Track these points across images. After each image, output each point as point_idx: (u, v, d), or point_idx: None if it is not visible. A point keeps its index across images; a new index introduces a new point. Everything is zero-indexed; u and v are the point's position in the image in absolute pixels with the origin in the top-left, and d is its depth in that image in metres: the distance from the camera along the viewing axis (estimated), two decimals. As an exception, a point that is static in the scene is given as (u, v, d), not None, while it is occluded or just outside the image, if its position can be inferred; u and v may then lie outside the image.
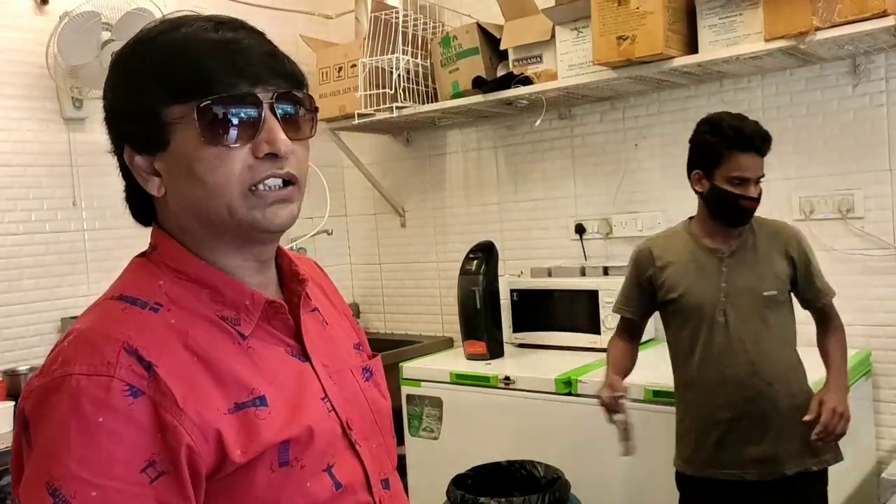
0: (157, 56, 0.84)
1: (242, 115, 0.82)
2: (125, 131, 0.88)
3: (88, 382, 0.76)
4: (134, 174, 0.88)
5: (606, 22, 2.38)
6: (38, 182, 2.76)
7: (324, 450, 0.87)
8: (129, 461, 0.75)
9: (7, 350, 2.65)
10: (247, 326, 0.87)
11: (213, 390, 0.82)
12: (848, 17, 2.07)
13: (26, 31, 2.74)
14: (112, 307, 0.85)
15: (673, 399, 2.16)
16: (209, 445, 0.79)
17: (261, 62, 0.84)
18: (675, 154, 2.81)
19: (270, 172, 0.84)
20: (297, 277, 0.96)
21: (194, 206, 0.85)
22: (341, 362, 0.98)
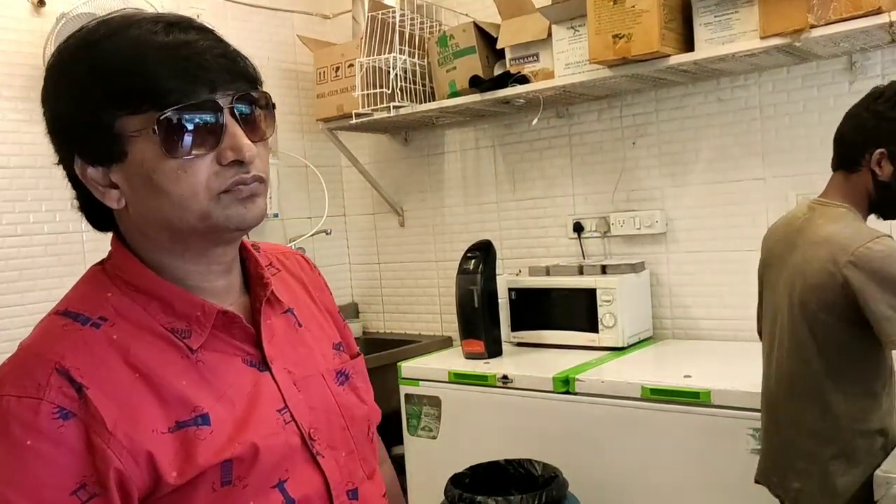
0: (106, 63, 0.79)
1: (204, 124, 0.79)
2: (74, 143, 0.83)
3: (18, 404, 0.76)
4: (88, 187, 0.85)
5: (602, 20, 2.38)
6: (36, 184, 2.77)
7: (274, 465, 0.85)
8: (58, 484, 0.75)
9: (5, 352, 2.64)
10: (197, 339, 0.85)
11: (153, 409, 0.80)
12: (843, 14, 2.07)
13: (23, 33, 2.74)
14: (53, 324, 0.84)
15: (673, 398, 2.16)
16: (140, 469, 0.77)
17: (217, 66, 0.81)
18: (672, 152, 2.81)
19: (238, 178, 0.82)
20: (261, 281, 0.93)
21: (159, 216, 0.83)
22: (311, 367, 0.95)
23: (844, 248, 1.59)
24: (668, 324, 2.86)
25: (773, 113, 2.60)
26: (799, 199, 2.56)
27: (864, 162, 1.68)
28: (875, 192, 1.68)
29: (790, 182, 2.58)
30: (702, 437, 2.13)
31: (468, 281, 2.77)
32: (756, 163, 2.64)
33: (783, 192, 2.59)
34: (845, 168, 1.74)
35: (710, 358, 2.53)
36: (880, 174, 1.65)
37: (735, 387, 2.11)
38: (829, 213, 1.72)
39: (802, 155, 2.56)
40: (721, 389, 2.11)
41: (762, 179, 2.64)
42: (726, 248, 2.72)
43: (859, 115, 1.71)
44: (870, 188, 1.68)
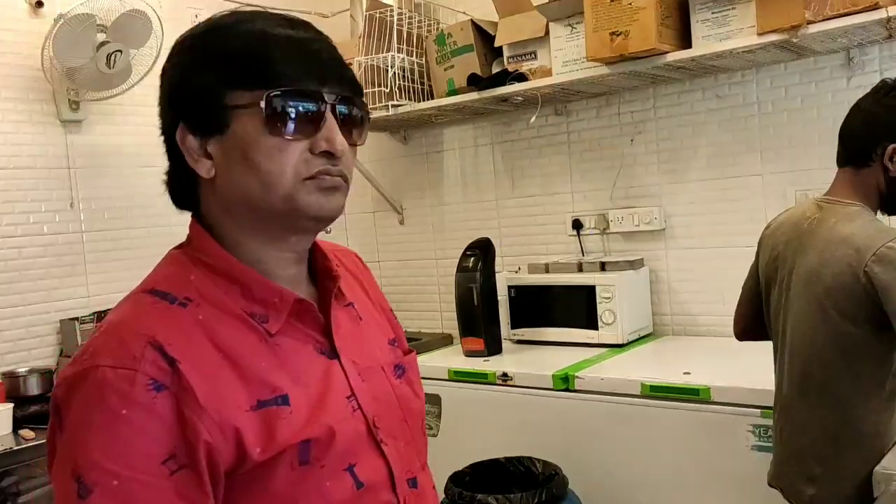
0: (232, 43, 0.86)
1: (306, 111, 0.85)
2: (184, 110, 0.88)
3: (114, 375, 0.78)
4: (184, 154, 0.88)
5: (599, 18, 2.38)
6: (35, 185, 2.78)
7: (346, 449, 0.88)
8: (149, 453, 0.77)
9: (6, 352, 2.66)
10: (274, 324, 0.88)
11: (237, 387, 0.83)
12: (840, 10, 2.07)
13: (21, 34, 2.74)
14: (143, 301, 0.87)
15: (672, 394, 2.17)
16: (228, 443, 0.80)
17: (329, 65, 0.87)
18: (671, 149, 2.81)
19: (325, 168, 0.86)
20: (329, 274, 0.97)
21: (245, 191, 0.87)
22: (372, 360, 0.98)
23: (868, 248, 1.54)
24: (667, 320, 2.87)
25: (771, 109, 2.60)
26: (798, 195, 2.56)
27: (876, 157, 1.64)
28: (887, 188, 1.64)
29: (788, 178, 2.58)
30: (701, 434, 2.14)
31: (468, 279, 2.78)
32: (754, 159, 2.64)
33: (781, 189, 2.59)
34: (854, 164, 1.69)
35: (709, 355, 2.53)
36: (893, 170, 1.62)
37: (735, 383, 2.11)
38: (841, 212, 1.67)
39: (801, 151, 2.56)
40: (720, 386, 2.12)
41: (760, 175, 2.64)
42: (725, 245, 2.72)
43: (870, 109, 1.66)
44: (881, 183, 1.65)
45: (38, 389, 2.55)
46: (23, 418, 2.37)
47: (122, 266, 2.97)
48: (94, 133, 2.94)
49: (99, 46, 2.66)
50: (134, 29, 2.69)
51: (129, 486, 0.76)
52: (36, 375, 2.58)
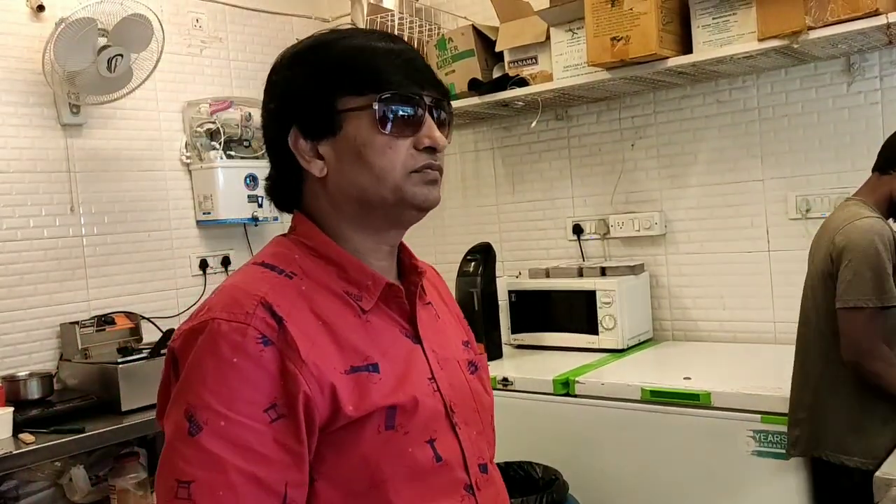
0: (340, 55, 0.97)
1: (411, 112, 0.96)
2: (296, 116, 0.97)
3: (228, 327, 0.87)
4: (297, 156, 0.98)
5: (600, 23, 2.38)
6: (36, 188, 2.77)
7: (427, 422, 0.95)
8: (254, 400, 0.85)
9: (6, 356, 2.66)
10: (367, 303, 0.97)
11: (333, 351, 0.91)
12: (840, 16, 2.07)
13: (22, 38, 2.75)
14: (255, 270, 0.97)
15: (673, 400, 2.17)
16: (324, 397, 0.88)
17: (424, 72, 0.99)
18: (671, 154, 2.82)
19: (427, 162, 0.96)
20: (416, 270, 1.06)
21: (358, 187, 0.96)
22: (449, 352, 1.05)
23: (837, 227, 1.83)
24: (667, 325, 2.86)
25: (772, 114, 2.60)
26: (799, 201, 2.57)
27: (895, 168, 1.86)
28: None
29: (789, 183, 2.58)
30: (702, 439, 2.13)
31: (468, 283, 2.78)
32: (755, 164, 2.65)
33: (782, 194, 2.59)
34: (879, 170, 1.91)
35: (709, 360, 2.53)
36: None
37: (735, 389, 2.10)
38: (844, 205, 1.92)
39: (801, 156, 2.56)
40: (721, 391, 2.11)
41: (761, 181, 2.64)
42: (725, 250, 2.72)
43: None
44: (894, 192, 1.85)
45: (38, 393, 2.55)
46: (23, 422, 2.37)
47: (122, 270, 2.97)
48: (95, 137, 2.94)
49: (100, 50, 2.66)
50: (135, 33, 2.69)
51: (234, 429, 0.84)
52: (36, 379, 2.57)
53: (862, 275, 1.74)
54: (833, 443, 1.84)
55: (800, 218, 2.55)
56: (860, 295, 1.75)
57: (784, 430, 1.97)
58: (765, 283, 2.64)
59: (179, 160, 3.16)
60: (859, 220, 1.80)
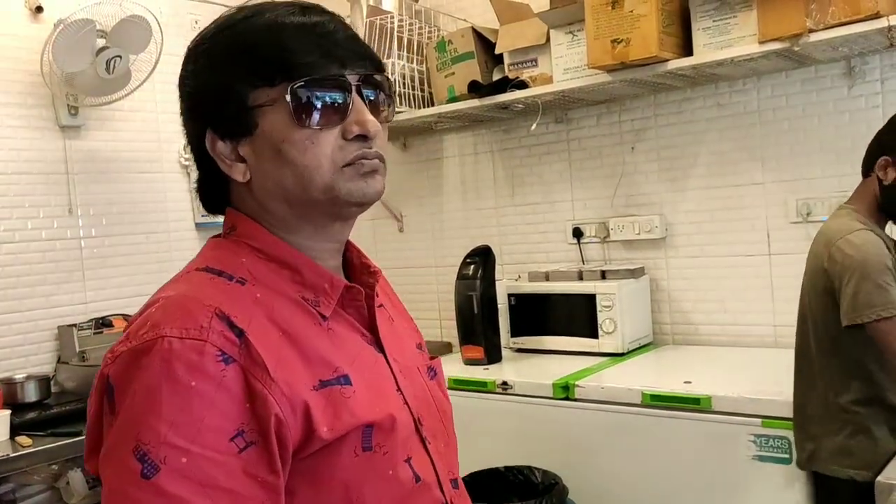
0: (245, 40, 0.84)
1: (333, 98, 0.83)
2: (209, 116, 0.87)
3: (181, 345, 0.75)
4: (217, 161, 0.87)
5: (600, 25, 2.38)
6: (33, 190, 2.77)
7: (404, 440, 0.86)
8: (218, 429, 0.73)
9: (4, 358, 2.65)
10: (326, 308, 0.87)
11: (299, 365, 0.80)
12: (841, 18, 2.07)
13: (21, 39, 2.74)
14: (199, 277, 0.84)
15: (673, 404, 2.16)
16: (297, 418, 0.77)
17: (347, 46, 0.85)
18: (671, 157, 2.81)
19: (361, 153, 0.85)
20: (367, 269, 0.96)
21: (283, 188, 0.85)
22: (408, 359, 0.97)
23: (830, 239, 1.81)
24: (667, 329, 2.86)
25: (772, 117, 2.60)
26: (799, 204, 2.56)
27: (873, 168, 1.85)
28: (880, 196, 1.85)
29: (789, 187, 2.57)
30: (702, 444, 2.13)
31: (467, 286, 2.77)
32: (755, 167, 2.64)
33: (782, 197, 2.59)
34: (863, 174, 1.92)
35: (710, 364, 2.52)
36: (884, 179, 1.83)
37: (736, 393, 2.10)
38: (836, 213, 1.93)
39: (802, 159, 2.56)
40: (721, 395, 2.10)
41: (761, 184, 2.63)
42: (726, 254, 2.71)
43: (882, 129, 1.89)
44: (876, 192, 1.86)
45: (35, 396, 2.54)
46: (20, 425, 2.36)
47: (120, 272, 2.96)
48: (93, 138, 2.94)
49: (98, 52, 2.66)
50: (133, 34, 2.69)
51: (198, 464, 0.72)
52: (33, 382, 2.56)
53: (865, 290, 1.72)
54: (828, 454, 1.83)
55: (800, 221, 2.54)
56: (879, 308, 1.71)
57: (785, 434, 1.96)
58: (765, 287, 2.63)
59: (178, 162, 3.15)
60: (851, 234, 1.78)
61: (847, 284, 1.74)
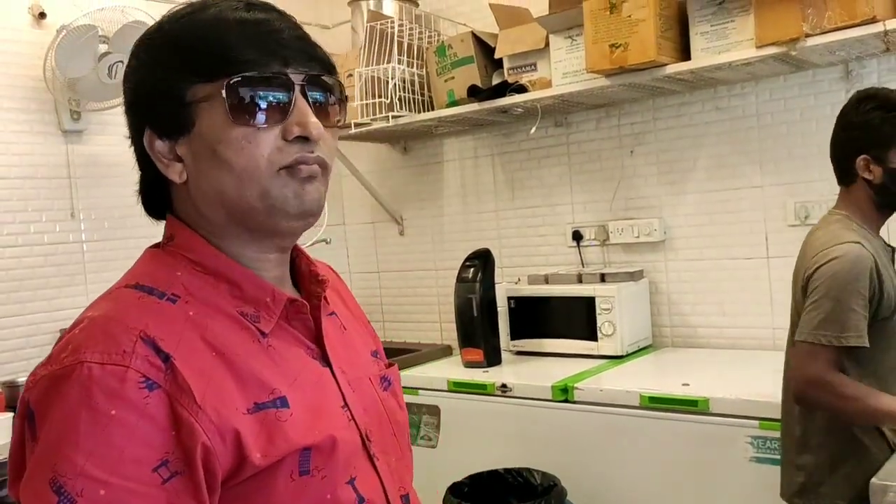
0: (185, 35, 0.82)
1: (273, 96, 0.80)
2: (147, 113, 0.84)
3: (102, 371, 0.71)
4: (154, 160, 0.84)
5: (599, 30, 2.39)
6: (36, 194, 2.78)
7: (346, 461, 0.83)
8: (140, 459, 0.71)
9: (6, 361, 2.66)
10: (266, 324, 0.83)
11: (232, 388, 0.77)
12: (837, 23, 2.08)
13: (24, 45, 2.76)
14: (127, 295, 0.81)
15: (671, 406, 2.17)
16: (226, 446, 0.74)
17: (293, 44, 0.82)
18: (670, 160, 2.82)
19: (300, 156, 0.81)
20: (316, 278, 0.92)
21: (219, 190, 0.82)
22: (360, 370, 0.93)
23: (815, 250, 1.73)
24: (666, 332, 2.87)
25: (771, 121, 2.61)
26: (798, 207, 2.57)
27: (856, 172, 1.78)
28: (876, 195, 1.78)
29: (788, 190, 2.59)
30: (700, 446, 2.13)
31: (467, 289, 2.78)
32: (754, 171, 2.65)
33: (781, 200, 2.60)
34: (843, 183, 1.85)
35: (708, 366, 2.53)
36: (872, 178, 1.76)
37: (734, 395, 2.11)
38: (826, 219, 1.85)
39: (800, 163, 2.57)
40: (719, 398, 2.12)
41: (760, 187, 2.64)
42: (725, 256, 2.72)
43: (836, 133, 1.84)
44: (869, 193, 1.78)
45: (37, 399, 2.55)
46: (21, 428, 2.37)
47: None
48: (95, 143, 2.95)
49: (101, 57, 2.67)
50: (135, 40, 2.70)
51: (119, 496, 0.69)
52: (35, 385, 2.58)
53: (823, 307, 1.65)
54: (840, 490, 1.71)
55: (799, 224, 2.55)
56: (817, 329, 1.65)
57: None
58: (764, 290, 2.64)
59: (180, 166, 3.16)
60: (836, 247, 1.69)
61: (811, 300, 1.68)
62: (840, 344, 1.62)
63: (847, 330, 1.62)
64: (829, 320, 1.63)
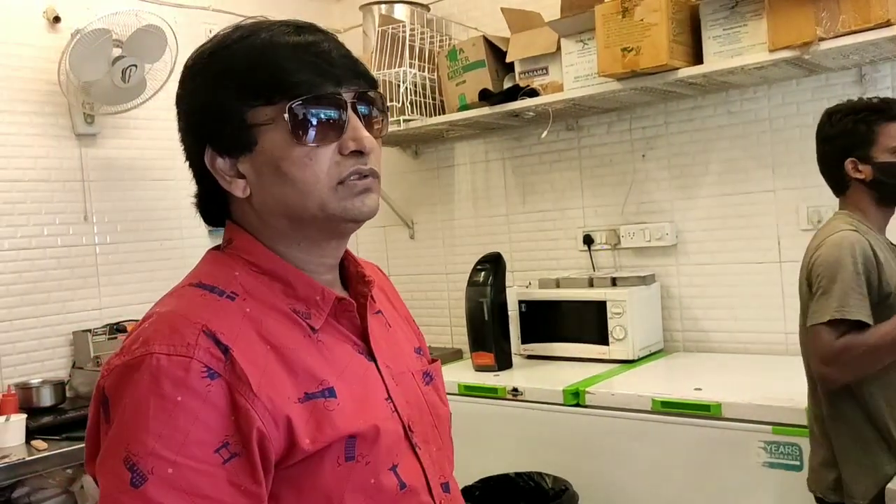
0: (242, 60, 0.86)
1: (329, 115, 0.86)
2: (208, 134, 0.89)
3: (168, 362, 0.79)
4: (216, 177, 0.89)
5: (611, 34, 2.39)
6: (50, 197, 2.80)
7: (389, 449, 0.88)
8: (203, 441, 0.77)
9: (20, 363, 2.68)
10: (317, 321, 0.90)
11: (285, 379, 0.83)
12: (851, 27, 2.07)
13: (39, 49, 2.78)
14: (191, 293, 0.88)
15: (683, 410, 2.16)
16: (279, 431, 0.80)
17: (341, 64, 0.87)
18: (682, 164, 2.81)
19: (356, 168, 0.87)
20: (363, 279, 0.98)
21: (283, 204, 0.87)
22: (403, 365, 0.99)
23: (815, 245, 1.81)
24: (678, 336, 2.86)
25: (783, 125, 2.60)
26: (810, 212, 2.56)
27: (848, 178, 1.84)
28: (873, 191, 1.83)
29: (800, 194, 2.57)
30: (712, 451, 2.13)
31: (478, 293, 2.78)
32: (766, 175, 2.64)
33: (794, 205, 2.59)
34: (840, 193, 1.91)
35: (720, 371, 2.52)
36: (863, 177, 1.82)
37: (746, 400, 2.10)
38: (831, 218, 1.91)
39: (812, 167, 2.51)
40: (732, 402, 2.11)
41: (772, 192, 2.63)
42: (737, 261, 2.71)
43: (819, 149, 1.91)
44: (866, 192, 1.84)
45: (50, 401, 2.57)
46: (35, 429, 2.38)
47: (134, 278, 2.98)
48: (109, 146, 2.97)
49: (114, 61, 2.69)
50: (149, 44, 2.72)
51: (184, 474, 0.76)
52: (49, 387, 2.59)
53: (828, 291, 1.70)
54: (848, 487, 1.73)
55: (811, 229, 2.53)
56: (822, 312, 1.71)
57: (796, 441, 1.96)
58: (776, 294, 2.63)
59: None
60: (830, 237, 1.77)
61: (818, 286, 1.74)
62: (842, 316, 1.67)
63: (847, 305, 1.67)
64: (832, 299, 1.69)
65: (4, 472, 2.18)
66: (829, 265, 1.72)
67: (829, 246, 1.75)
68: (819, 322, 1.70)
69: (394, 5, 3.17)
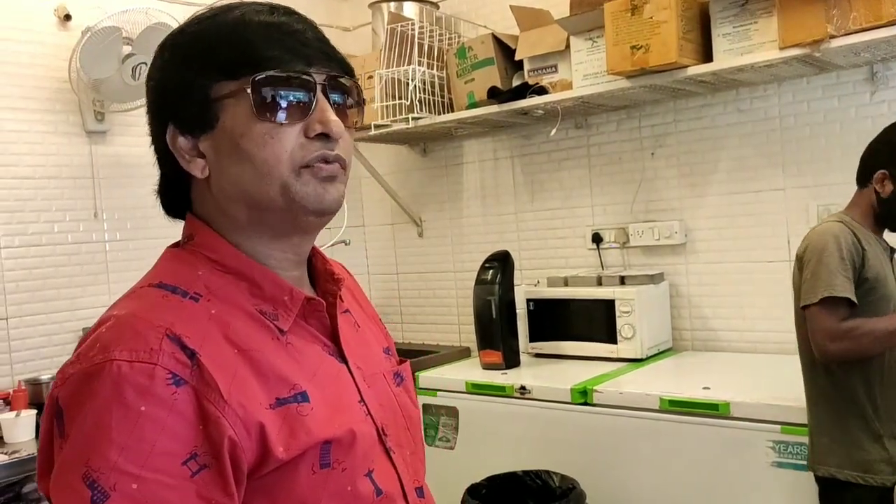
0: (211, 35, 0.84)
1: (296, 94, 0.82)
2: (171, 110, 0.85)
3: (131, 369, 0.73)
4: (176, 156, 0.86)
5: (620, 31, 2.38)
6: (60, 194, 2.81)
7: (364, 454, 0.85)
8: (170, 453, 0.72)
9: (29, 359, 2.69)
10: (285, 322, 0.85)
11: (255, 384, 0.79)
12: (863, 24, 2.06)
13: (49, 46, 2.79)
14: (152, 294, 0.82)
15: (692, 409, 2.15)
16: (252, 439, 0.76)
17: (314, 46, 0.84)
18: (691, 163, 2.80)
19: (321, 153, 0.83)
20: (332, 277, 0.94)
21: (241, 187, 0.83)
22: (374, 366, 0.95)
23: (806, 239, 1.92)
24: (687, 335, 2.85)
25: (794, 123, 2.59)
26: (820, 210, 2.54)
27: (870, 181, 1.93)
28: (878, 207, 1.92)
29: (810, 193, 2.56)
30: (721, 450, 2.12)
31: (486, 291, 2.78)
32: (776, 173, 2.63)
33: (803, 203, 2.57)
34: (859, 184, 1.98)
35: (729, 370, 2.51)
36: (882, 192, 1.90)
37: (754, 399, 2.09)
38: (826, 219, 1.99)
39: (823, 165, 2.54)
40: (740, 402, 2.10)
41: (782, 190, 2.62)
42: (746, 259, 2.70)
43: (873, 141, 1.97)
44: (874, 203, 1.92)
45: (59, 397, 2.58)
46: (44, 425, 2.40)
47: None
48: (119, 144, 2.98)
49: (124, 59, 2.70)
50: (158, 41, 2.73)
51: (150, 489, 0.71)
52: (58, 383, 2.61)
53: (816, 273, 1.82)
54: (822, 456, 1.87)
55: (821, 228, 2.52)
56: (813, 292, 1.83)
57: (804, 440, 1.95)
58: (785, 293, 2.60)
59: (201, 167, 3.18)
60: (817, 228, 1.92)
61: (808, 270, 1.85)
62: (832, 293, 1.78)
63: (834, 284, 1.79)
64: (820, 279, 1.81)
65: (15, 467, 2.19)
66: (817, 251, 1.84)
67: (816, 234, 1.89)
68: (812, 302, 1.81)
69: (403, 3, 3.17)
